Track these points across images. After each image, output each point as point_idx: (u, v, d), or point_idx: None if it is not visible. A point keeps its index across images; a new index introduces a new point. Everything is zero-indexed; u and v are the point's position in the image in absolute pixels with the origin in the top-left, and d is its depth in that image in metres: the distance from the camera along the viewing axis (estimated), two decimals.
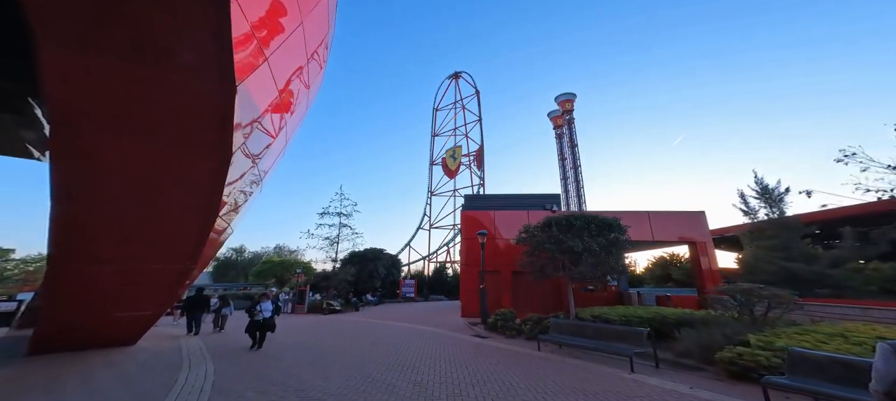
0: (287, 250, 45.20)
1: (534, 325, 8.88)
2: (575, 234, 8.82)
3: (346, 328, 12.40)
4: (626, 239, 9.31)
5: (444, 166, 44.52)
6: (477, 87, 47.06)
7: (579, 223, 9.03)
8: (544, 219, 10.07)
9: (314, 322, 14.98)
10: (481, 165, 41.50)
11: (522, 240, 10.71)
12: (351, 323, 14.01)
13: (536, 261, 9.98)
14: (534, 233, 9.94)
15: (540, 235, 9.55)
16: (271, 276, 34.00)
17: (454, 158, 44.00)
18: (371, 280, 27.27)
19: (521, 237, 10.75)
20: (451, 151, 44.83)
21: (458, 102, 47.91)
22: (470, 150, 43.97)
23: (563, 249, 8.84)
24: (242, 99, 4.53)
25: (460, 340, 9.35)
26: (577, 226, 9.00)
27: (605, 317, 8.56)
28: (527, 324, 9.15)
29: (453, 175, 42.95)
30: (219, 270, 40.48)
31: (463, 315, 13.53)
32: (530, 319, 9.58)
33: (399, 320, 14.23)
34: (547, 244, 9.10)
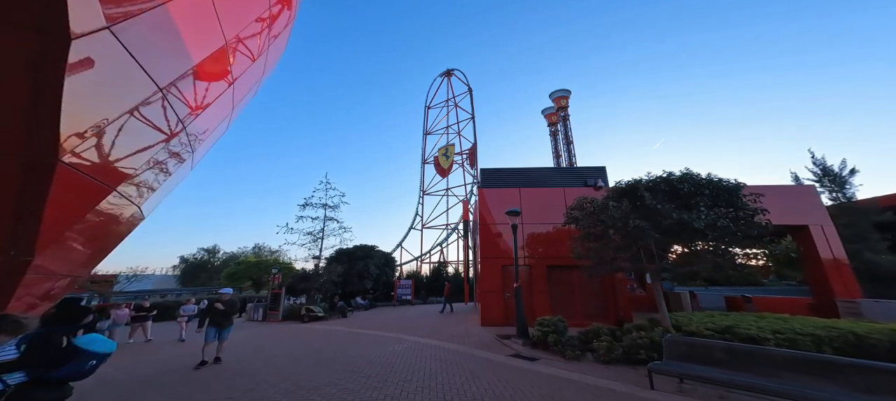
0: (267, 251, 41.01)
1: (613, 343, 5.75)
2: (681, 204, 5.68)
3: (320, 347, 9.03)
4: (761, 213, 5.93)
5: (437, 165, 43.19)
6: (470, 84, 45.80)
7: (687, 188, 5.91)
8: (617, 186, 6.88)
9: (282, 335, 11.48)
10: (474, 163, 40.04)
11: (575, 220, 7.61)
12: (332, 336, 10.62)
13: (601, 249, 6.87)
14: (609, 205, 6.66)
15: (616, 209, 6.39)
16: (246, 278, 29.95)
17: (447, 157, 42.74)
18: (361, 281, 23.73)
19: (573, 216, 7.64)
20: (444, 149, 43.50)
21: (450, 99, 46.67)
22: (463, 148, 42.52)
23: (665, 228, 5.70)
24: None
25: (498, 365, 6.17)
26: (684, 191, 5.90)
27: (742, 332, 5.40)
28: (600, 341, 6.00)
29: (446, 174, 41.84)
30: (187, 273, 36.00)
31: (483, 323, 10.33)
32: (597, 331, 6.49)
33: (398, 331, 10.92)
34: (635, 221, 5.86)
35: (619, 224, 5.98)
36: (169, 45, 4.09)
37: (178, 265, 37.04)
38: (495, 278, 10.58)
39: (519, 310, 8.11)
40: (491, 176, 12.41)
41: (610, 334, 6.31)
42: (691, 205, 5.55)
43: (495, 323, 10.17)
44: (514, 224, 8.70)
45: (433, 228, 40.80)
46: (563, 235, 10.62)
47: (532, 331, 7.61)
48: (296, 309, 17.39)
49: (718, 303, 12.00)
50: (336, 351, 8.15)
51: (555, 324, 7.19)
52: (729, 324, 5.49)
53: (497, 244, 10.95)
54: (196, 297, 23.17)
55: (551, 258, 10.38)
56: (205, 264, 37.26)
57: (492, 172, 12.51)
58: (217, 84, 5.94)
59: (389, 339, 9.69)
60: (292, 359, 7.50)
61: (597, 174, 11.49)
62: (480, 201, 11.67)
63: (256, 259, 33.77)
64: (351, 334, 10.96)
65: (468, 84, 45.87)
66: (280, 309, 17.26)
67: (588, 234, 7.26)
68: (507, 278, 10.58)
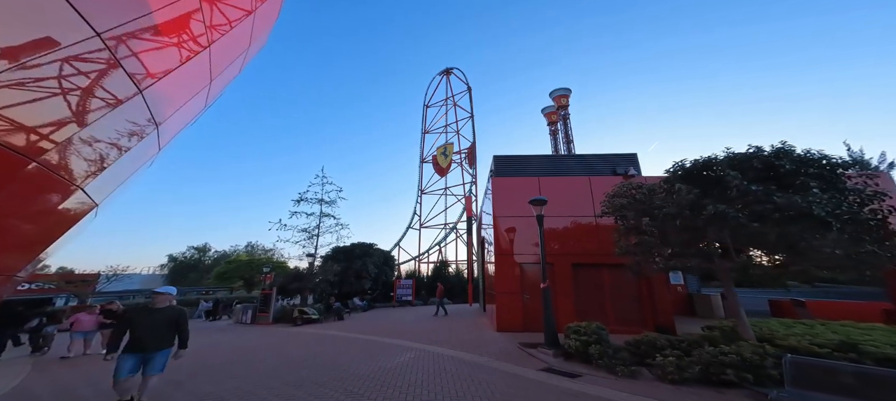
0: (261, 249, 39.49)
1: (683, 357, 4.48)
2: (778, 186, 4.32)
3: (310, 358, 7.73)
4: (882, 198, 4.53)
5: (435, 164, 42.44)
6: (469, 83, 45.28)
7: (787, 166, 4.49)
8: (680, 166, 5.50)
9: (269, 341, 10.13)
10: (473, 162, 39.41)
11: (621, 209, 6.34)
12: (327, 342, 9.30)
13: (655, 243, 5.59)
14: (676, 188, 5.23)
15: (685, 193, 4.97)
16: (237, 278, 28.44)
17: (445, 156, 42.05)
18: (359, 281, 22.38)
19: (616, 204, 6.37)
20: (443, 148, 42.79)
21: (449, 98, 46.09)
22: (462, 147, 41.83)
23: (759, 215, 4.33)
24: None
25: (532, 385, 4.91)
26: (785, 170, 4.49)
27: (873, 351, 4.12)
28: (665, 355, 4.72)
29: (444, 173, 41.07)
30: (176, 272, 34.39)
31: (499, 327, 9.06)
32: (653, 342, 5.24)
33: (402, 337, 9.63)
34: (716, 207, 4.44)
35: (686, 212, 4.69)
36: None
37: (167, 264, 35.51)
38: (512, 278, 9.31)
39: (548, 315, 6.84)
40: (505, 164, 11.14)
41: (671, 346, 5.07)
42: (796, 186, 4.26)
43: (513, 328, 8.90)
44: (539, 215, 7.44)
45: (431, 227, 40.13)
46: (590, 230, 9.39)
47: (565, 340, 6.34)
48: (288, 311, 16.02)
49: (756, 306, 10.82)
50: (329, 364, 6.83)
51: (595, 332, 5.92)
52: (848, 340, 4.21)
53: (514, 239, 9.68)
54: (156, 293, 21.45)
55: (577, 255, 9.13)
56: (195, 263, 35.63)
57: (506, 159, 11.23)
58: (186, 44, 4.53)
59: (392, 347, 8.39)
60: (272, 375, 6.19)
61: (627, 161, 10.25)
62: (494, 192, 10.40)
63: (249, 258, 32.25)
64: (348, 340, 9.64)
65: (467, 83, 45.50)
66: (271, 311, 15.88)
67: (635, 226, 6.00)
68: (525, 278, 9.33)
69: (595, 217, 9.29)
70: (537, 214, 7.49)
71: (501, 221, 10.07)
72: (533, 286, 9.18)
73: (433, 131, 45.49)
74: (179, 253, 35.71)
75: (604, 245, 9.13)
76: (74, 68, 3.47)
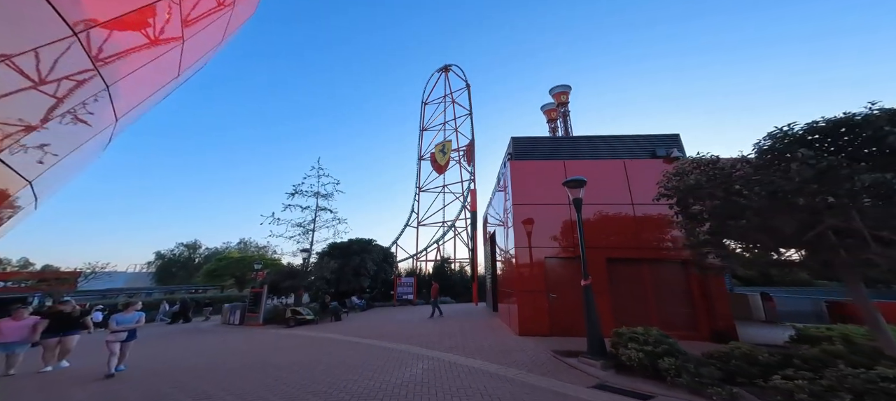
0: (254, 246, 37.97)
1: (816, 381, 3.23)
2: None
3: (301, 369, 6.45)
4: None
5: (433, 162, 42.04)
6: (468, 80, 44.91)
7: None
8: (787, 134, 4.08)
9: (255, 345, 8.80)
10: (472, 160, 39.13)
11: (690, 192, 5.07)
12: (322, 347, 8.00)
13: (750, 229, 4.29)
14: (798, 155, 3.78)
15: (804, 166, 3.60)
16: (228, 275, 26.95)
17: (444, 153, 41.79)
18: (357, 278, 21.04)
19: (688, 184, 5.08)
20: (441, 145, 42.47)
21: (447, 95, 45.75)
22: (460, 145, 41.53)
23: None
24: None
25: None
26: None
27: None
28: (796, 378, 3.43)
29: (442, 170, 40.66)
30: (163, 270, 32.78)
31: (522, 331, 7.82)
32: (750, 356, 4.02)
33: (408, 341, 8.36)
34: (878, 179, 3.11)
35: (813, 186, 3.39)
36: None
37: (154, 262, 33.82)
38: (535, 274, 8.07)
39: (592, 317, 5.59)
40: (525, 146, 9.87)
41: (779, 362, 3.84)
42: None
43: (538, 332, 7.66)
44: (577, 199, 6.18)
45: (429, 225, 39.62)
46: (626, 220, 8.16)
47: (620, 350, 5.09)
48: (280, 311, 14.69)
49: (800, 306, 9.70)
50: (321, 379, 5.54)
51: (662, 340, 4.69)
52: None
53: (538, 230, 8.44)
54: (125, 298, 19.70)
55: (611, 249, 7.90)
56: (184, 261, 34.01)
57: (526, 141, 9.96)
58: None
59: (399, 354, 7.11)
60: (248, 393, 4.89)
61: (670, 142, 9.01)
62: (512, 177, 9.14)
63: (241, 255, 30.74)
64: (346, 345, 8.34)
65: (466, 80, 45.27)
66: (261, 311, 14.53)
67: (714, 209, 4.74)
68: (551, 274, 8.09)
69: (632, 205, 8.07)
70: (574, 197, 6.23)
71: (521, 210, 8.81)
72: (560, 284, 7.96)
73: (431, 128, 45.39)
74: (167, 250, 34.20)
75: (643, 237, 7.91)
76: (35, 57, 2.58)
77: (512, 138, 10.07)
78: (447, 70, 47.89)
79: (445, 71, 47.96)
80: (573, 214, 8.37)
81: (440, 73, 48.10)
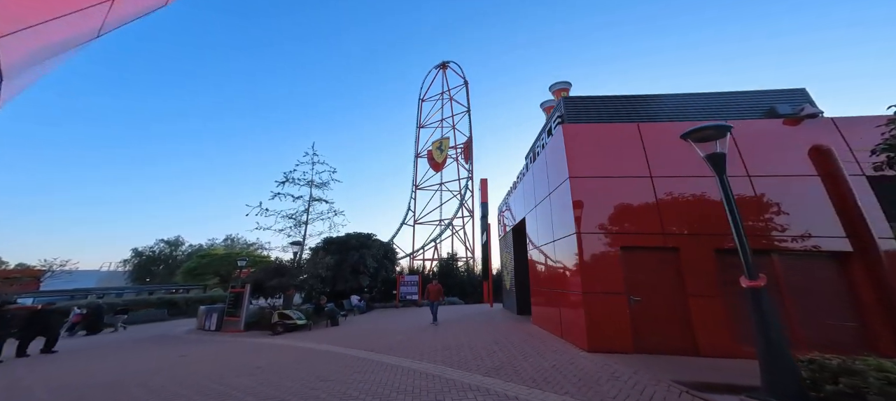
0: (242, 243, 35.30)
1: None
2: None
3: None
4: None
5: (430, 159, 40.99)
6: (466, 77, 44.28)
7: None
8: None
9: (220, 368, 6.47)
10: (469, 157, 38.16)
11: None
12: (314, 371, 5.74)
13: None
14: None
15: None
16: (211, 274, 24.36)
17: (441, 151, 40.80)
18: (355, 276, 18.77)
19: None
20: (438, 142, 41.46)
21: (445, 92, 45.06)
22: (458, 142, 40.53)
23: None
24: None
25: None
26: None
27: None
28: None
29: (440, 168, 39.53)
30: (141, 267, 29.96)
31: (592, 345, 5.68)
32: None
33: (431, 359, 6.18)
34: None
35: None
36: None
37: (130, 259, 30.88)
38: (610, 270, 5.93)
39: (768, 335, 3.44)
40: (582, 107, 7.71)
41: None
42: None
43: (617, 347, 5.54)
44: (714, 156, 4.03)
45: (426, 223, 38.36)
46: (741, 200, 6.03)
47: (832, 386, 2.98)
48: (265, 315, 12.37)
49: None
50: None
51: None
52: None
53: (606, 211, 6.32)
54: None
55: (722, 236, 5.77)
56: (165, 258, 31.22)
57: (582, 101, 7.79)
58: None
59: (434, 382, 4.93)
60: None
61: (795, 97, 6.92)
62: (568, 144, 7.01)
63: (226, 252, 28.12)
64: (350, 365, 6.09)
65: (464, 77, 44.50)
66: (242, 315, 12.20)
67: None
68: (631, 269, 5.97)
69: (748, 177, 5.98)
70: (708, 154, 4.08)
71: (581, 186, 6.68)
72: (644, 283, 5.85)
73: (428, 126, 44.50)
74: (146, 247, 31.31)
75: (770, 219, 5.79)
76: None
77: (563, 97, 7.92)
78: (445, 67, 47.35)
79: (443, 67, 47.39)
80: (660, 188, 6.30)
81: (437, 70, 47.37)
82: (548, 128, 8.56)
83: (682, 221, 5.96)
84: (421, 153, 42.39)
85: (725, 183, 3.78)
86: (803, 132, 6.27)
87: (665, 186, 6.25)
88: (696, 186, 6.15)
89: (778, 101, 7.00)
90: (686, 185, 6.15)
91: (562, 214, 7.34)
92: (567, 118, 7.57)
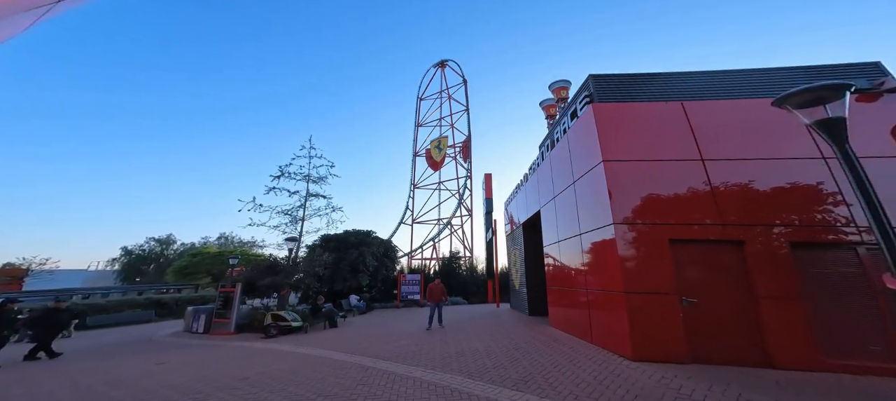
0: (237, 241, 34.20)
1: None
2: None
3: None
4: None
5: (429, 158, 40.93)
6: (465, 76, 44.14)
7: None
8: None
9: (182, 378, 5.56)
10: (468, 156, 37.81)
11: None
12: (307, 387, 4.85)
13: None
14: None
15: None
16: (203, 273, 23.31)
17: (439, 150, 40.68)
18: (354, 275, 17.85)
19: None
20: (437, 141, 41.29)
21: (443, 91, 44.87)
22: (456, 141, 40.32)
23: None
24: None
25: None
26: None
27: None
28: None
29: (438, 167, 39.41)
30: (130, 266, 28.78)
31: (638, 354, 4.85)
32: None
33: (449, 369, 5.32)
34: None
35: None
36: None
37: (119, 258, 29.65)
38: (657, 266, 5.08)
39: None
40: (613, 85, 6.82)
41: None
42: None
43: (667, 356, 4.70)
44: (830, 121, 3.15)
45: (424, 222, 38.07)
46: (812, 191, 5.20)
47: None
48: (258, 316, 11.44)
49: None
50: None
51: None
52: None
53: (654, 199, 5.49)
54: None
55: (798, 228, 4.89)
56: (156, 257, 30.03)
57: (613, 79, 6.90)
58: None
59: (452, 399, 4.07)
60: None
61: (870, 72, 6.10)
62: (600, 125, 6.16)
63: (219, 251, 27.04)
64: (354, 377, 5.20)
65: (463, 75, 44.28)
66: (232, 317, 11.26)
67: None
68: (684, 264, 5.13)
69: (824, 160, 5.14)
70: (824, 119, 3.21)
71: (618, 171, 5.84)
72: (701, 282, 5.01)
73: (427, 124, 44.43)
74: (136, 245, 30.09)
75: (852, 206, 4.95)
76: None
77: (590, 76, 7.05)
78: (443, 65, 46.93)
79: (442, 66, 46.99)
80: (715, 173, 5.45)
81: (436, 69, 47.02)
82: (571, 110, 7.71)
83: (747, 209, 5.11)
84: (419, 152, 42.33)
85: (850, 154, 2.92)
86: (880, 109, 5.48)
87: (722, 170, 5.41)
88: (764, 170, 5.30)
89: (854, 74, 6.18)
90: (749, 168, 5.30)
91: (591, 203, 6.49)
92: (597, 97, 6.71)
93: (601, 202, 5.98)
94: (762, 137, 5.51)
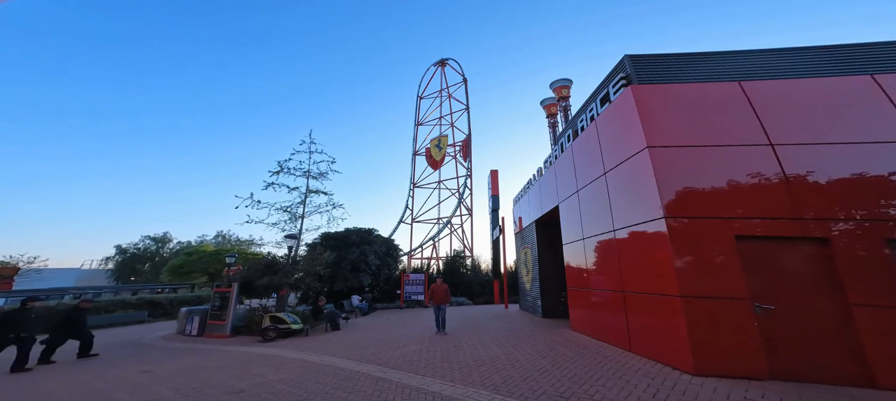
0: (235, 240, 33.40)
1: None
2: None
3: None
4: None
5: (429, 157, 40.70)
6: (465, 74, 43.95)
7: None
8: None
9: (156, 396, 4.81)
10: (468, 155, 37.57)
11: None
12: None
13: None
14: None
15: None
16: (199, 272, 22.51)
17: (439, 148, 40.47)
18: (356, 275, 17.11)
19: None
20: (437, 140, 41.08)
21: (444, 89, 44.74)
22: (456, 140, 40.08)
23: None
24: None
25: None
26: None
27: None
28: None
29: (438, 166, 39.23)
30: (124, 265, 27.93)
31: (700, 368, 4.15)
32: None
33: (472, 382, 4.60)
34: None
35: None
36: None
37: (113, 257, 28.70)
38: (723, 267, 4.36)
39: None
40: (654, 66, 6.08)
41: None
42: None
43: (741, 370, 3.99)
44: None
45: (424, 222, 37.89)
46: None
47: None
48: (255, 318, 10.68)
49: None
50: None
51: None
52: None
53: (713, 190, 4.77)
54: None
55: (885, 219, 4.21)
56: (151, 255, 29.18)
57: (653, 60, 6.17)
58: None
59: None
60: None
61: None
62: (641, 108, 5.45)
63: (216, 249, 26.23)
64: (365, 394, 4.43)
65: (463, 74, 44.17)
66: (228, 319, 10.50)
67: None
68: (755, 265, 4.42)
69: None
70: None
71: (664, 158, 5.13)
72: (777, 285, 4.29)
73: (427, 123, 44.34)
74: (131, 243, 29.22)
75: None
76: None
77: (626, 56, 6.31)
78: (444, 64, 46.62)
79: (442, 65, 46.68)
80: (788, 160, 4.68)
81: (436, 67, 46.76)
82: (601, 95, 6.98)
83: (831, 202, 4.39)
84: (419, 151, 42.05)
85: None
86: None
87: (797, 157, 4.69)
88: (848, 156, 4.57)
89: None
90: (830, 154, 4.59)
91: (630, 195, 5.78)
92: (638, 79, 5.98)
93: (645, 194, 5.26)
94: (842, 119, 4.79)
